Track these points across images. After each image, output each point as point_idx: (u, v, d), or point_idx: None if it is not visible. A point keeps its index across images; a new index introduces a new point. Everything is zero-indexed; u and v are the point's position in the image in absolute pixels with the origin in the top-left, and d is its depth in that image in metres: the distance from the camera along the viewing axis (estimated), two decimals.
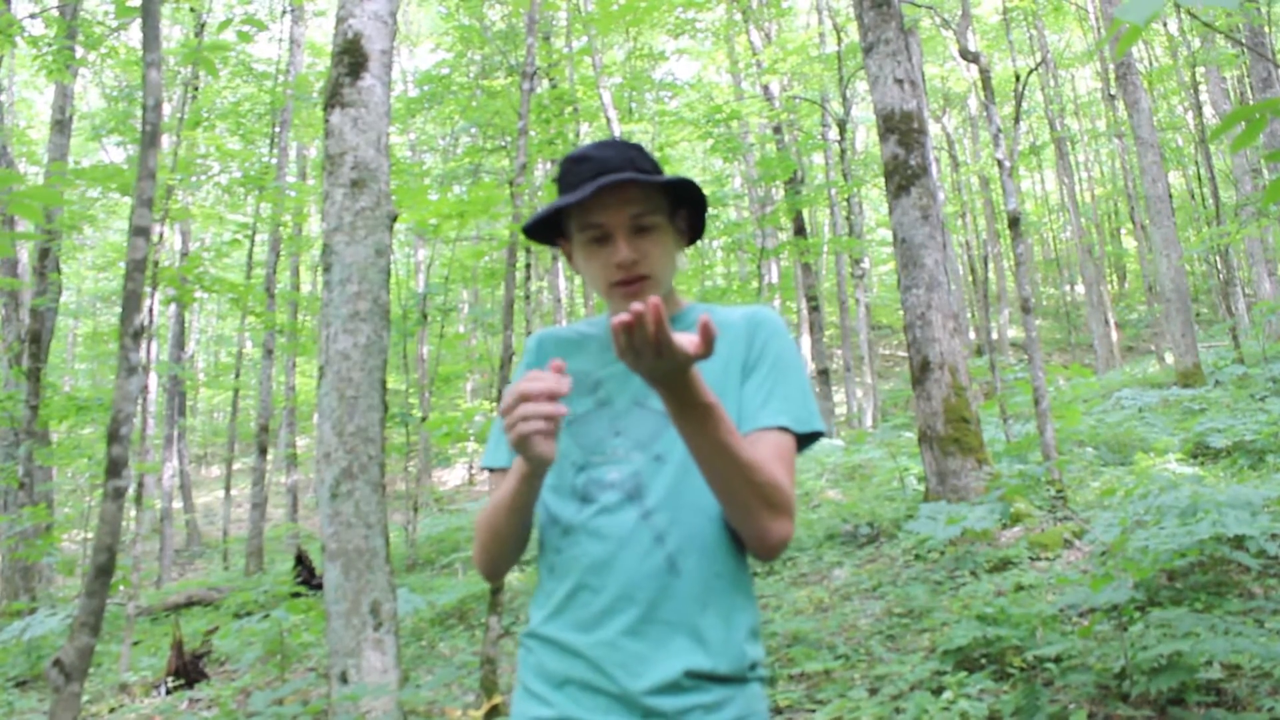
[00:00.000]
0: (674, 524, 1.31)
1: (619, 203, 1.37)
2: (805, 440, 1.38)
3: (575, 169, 1.40)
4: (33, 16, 9.84)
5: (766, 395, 1.37)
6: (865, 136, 26.64)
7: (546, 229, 1.50)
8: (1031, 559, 5.31)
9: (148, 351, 10.54)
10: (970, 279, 26.21)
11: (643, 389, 1.38)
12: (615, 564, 1.31)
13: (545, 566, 1.40)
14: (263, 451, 13.52)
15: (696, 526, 1.32)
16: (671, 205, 1.46)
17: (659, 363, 1.13)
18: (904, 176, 6.81)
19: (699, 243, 2.51)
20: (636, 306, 1.08)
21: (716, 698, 1.28)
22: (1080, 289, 28.62)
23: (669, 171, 4.08)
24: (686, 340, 1.12)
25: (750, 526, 1.29)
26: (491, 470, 1.49)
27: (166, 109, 13.34)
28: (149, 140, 3.56)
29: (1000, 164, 7.46)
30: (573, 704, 1.29)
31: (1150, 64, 20.92)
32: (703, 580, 1.31)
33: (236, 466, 23.04)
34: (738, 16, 17.50)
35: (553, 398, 1.17)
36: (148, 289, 8.32)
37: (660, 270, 1.41)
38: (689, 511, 1.32)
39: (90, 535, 15.56)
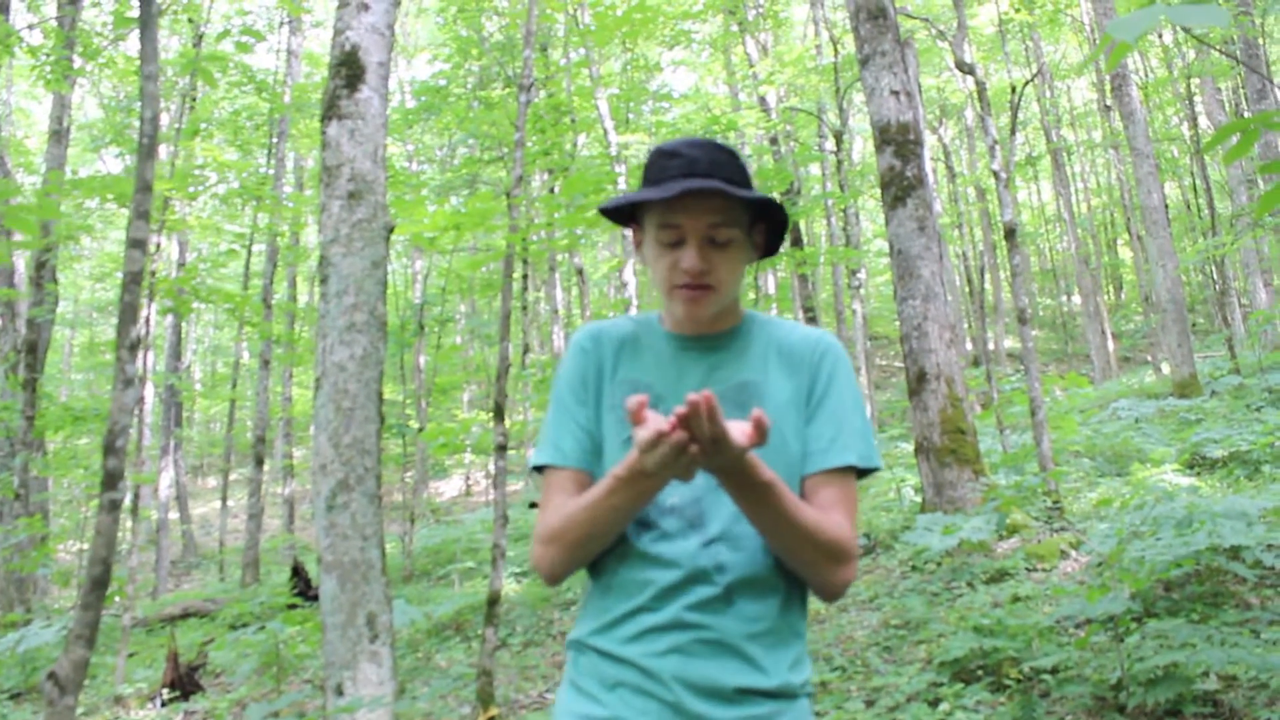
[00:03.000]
0: (733, 555, 1.32)
1: (700, 209, 1.35)
2: (863, 474, 1.41)
3: (663, 163, 1.38)
4: (31, 27, 9.88)
5: (835, 432, 1.38)
6: (862, 147, 26.72)
7: (620, 212, 1.48)
8: (1028, 570, 5.31)
9: (144, 362, 10.53)
10: (967, 290, 26.22)
11: None
12: (676, 592, 1.31)
13: (600, 585, 1.39)
14: (259, 462, 13.49)
15: (753, 558, 1.33)
16: (751, 219, 1.44)
17: (715, 458, 1.14)
18: (900, 187, 6.83)
19: None
20: (693, 397, 1.08)
21: (768, 710, 1.29)
22: (1077, 299, 28.66)
23: None
24: (740, 432, 1.14)
25: (814, 577, 1.32)
26: (546, 468, 1.42)
27: (164, 119, 13.36)
28: (146, 152, 3.56)
29: (996, 175, 7.49)
30: (624, 706, 1.30)
31: (1146, 75, 21.01)
32: (755, 613, 1.32)
33: (233, 477, 22.98)
34: (734, 28, 17.55)
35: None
36: (144, 300, 8.31)
37: (725, 284, 1.39)
38: (747, 543, 1.33)
39: (86, 546, 15.51)
